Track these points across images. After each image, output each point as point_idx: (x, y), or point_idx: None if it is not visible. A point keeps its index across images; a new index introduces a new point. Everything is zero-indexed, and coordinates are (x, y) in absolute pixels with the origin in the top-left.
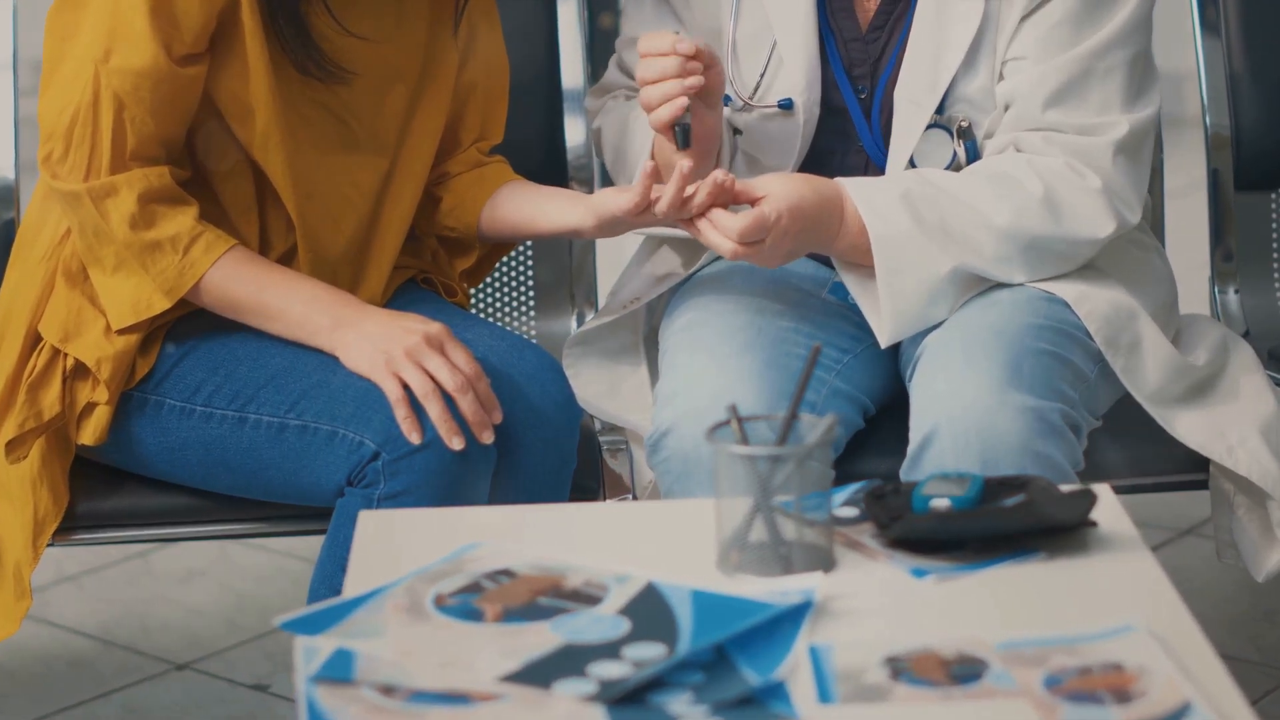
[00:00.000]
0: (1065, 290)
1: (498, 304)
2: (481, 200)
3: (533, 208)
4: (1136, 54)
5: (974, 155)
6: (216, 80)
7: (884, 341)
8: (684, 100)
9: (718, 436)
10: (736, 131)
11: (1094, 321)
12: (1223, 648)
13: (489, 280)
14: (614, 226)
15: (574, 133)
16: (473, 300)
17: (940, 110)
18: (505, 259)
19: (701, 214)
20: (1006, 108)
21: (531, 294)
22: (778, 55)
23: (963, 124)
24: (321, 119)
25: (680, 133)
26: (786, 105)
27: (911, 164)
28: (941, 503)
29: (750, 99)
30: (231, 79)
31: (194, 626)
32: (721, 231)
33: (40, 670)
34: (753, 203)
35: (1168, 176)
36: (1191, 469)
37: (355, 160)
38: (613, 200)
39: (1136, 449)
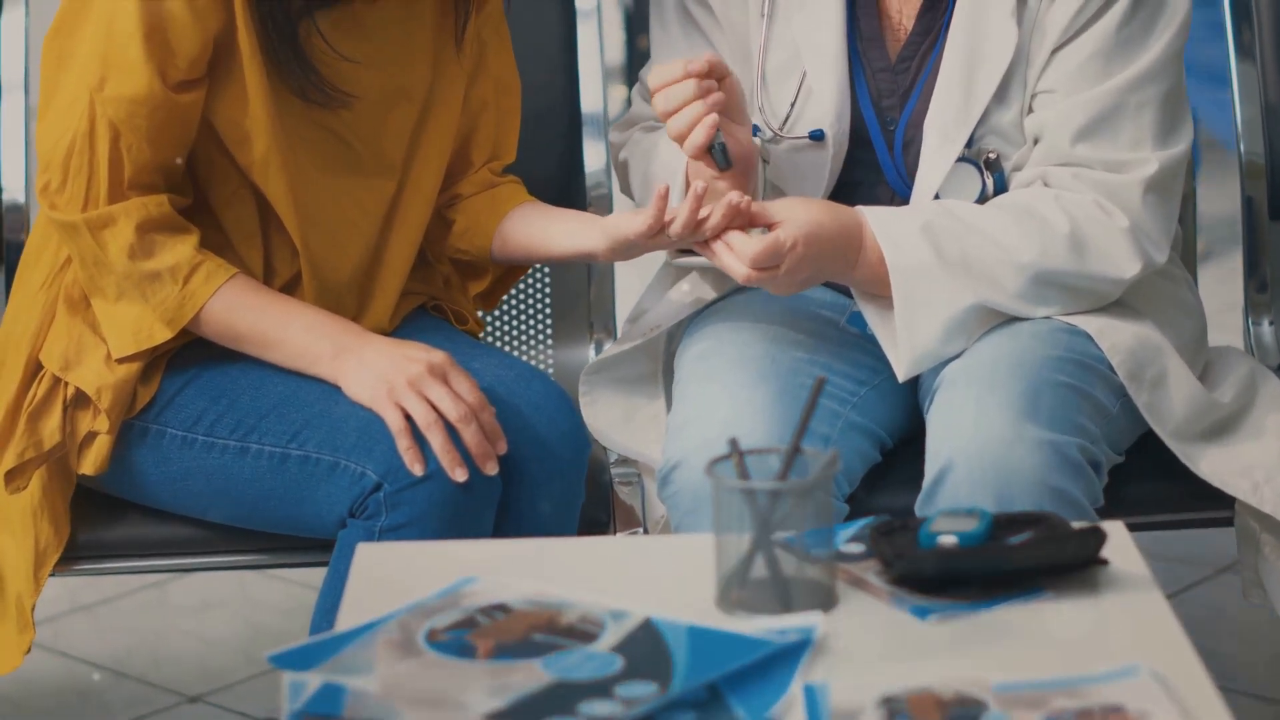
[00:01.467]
0: (1088, 323)
1: (514, 331)
2: (494, 222)
3: (546, 230)
4: (1169, 90)
5: (1001, 187)
6: (214, 106)
7: (901, 375)
8: (714, 118)
9: (718, 471)
10: (764, 161)
11: (1117, 355)
12: (1257, 687)
13: (505, 306)
14: (628, 249)
15: (593, 157)
16: (488, 326)
17: (969, 143)
18: (522, 284)
19: (716, 236)
20: (1035, 141)
21: (549, 320)
22: (807, 86)
23: (990, 155)
24: (324, 141)
25: (719, 153)
26: (817, 136)
27: (937, 198)
28: (948, 539)
29: (780, 130)
30: (229, 104)
31: (208, 658)
32: (735, 254)
33: (50, 703)
34: (769, 226)
35: (1201, 205)
36: (1217, 506)
37: (360, 183)
38: (626, 223)
39: (1160, 485)
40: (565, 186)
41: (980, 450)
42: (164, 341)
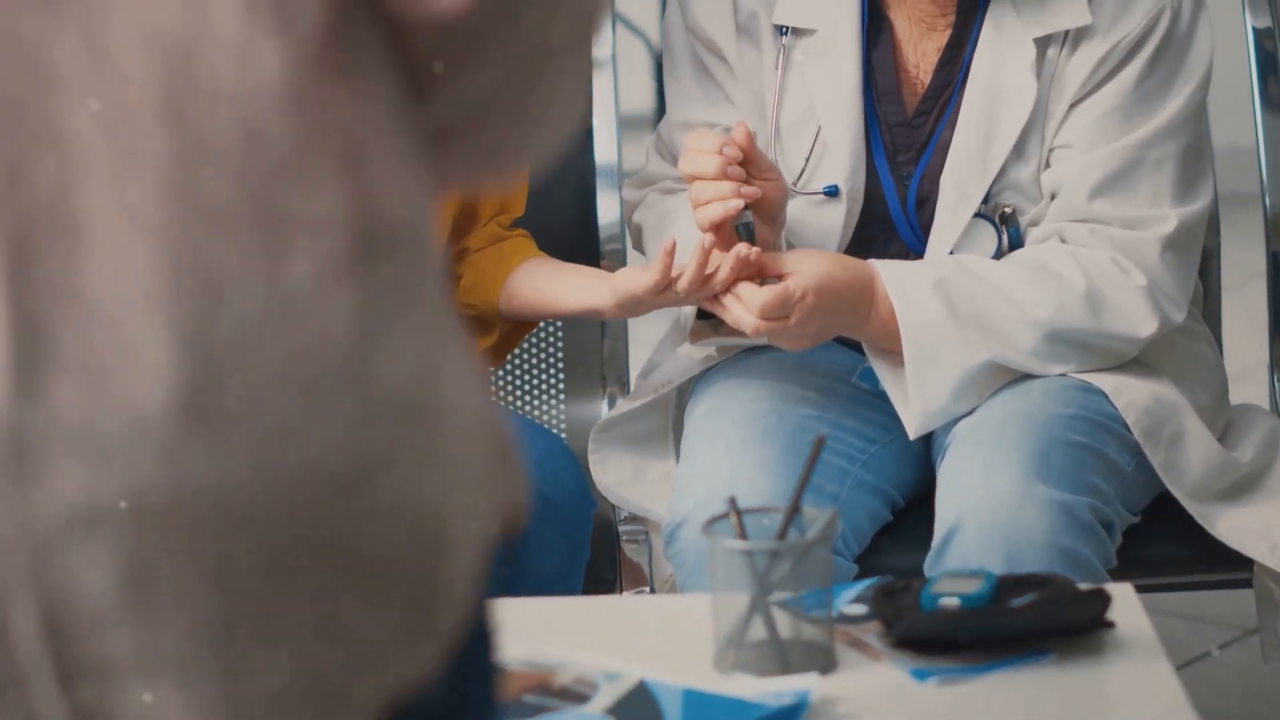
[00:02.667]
0: (1103, 380)
1: (526, 385)
2: (502, 277)
3: (553, 285)
4: (1188, 145)
5: (1017, 243)
6: None
7: (912, 433)
8: (738, 203)
9: (715, 530)
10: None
11: (1132, 413)
12: None
13: (517, 360)
14: (635, 306)
15: (606, 210)
16: (499, 380)
17: (985, 199)
18: (534, 338)
19: (726, 291)
20: (1052, 196)
21: (561, 375)
22: (823, 140)
23: (1006, 210)
24: None
25: (744, 232)
26: (832, 192)
27: (952, 255)
28: (950, 601)
29: (795, 185)
30: None
31: None
32: (744, 305)
33: None
34: (780, 278)
35: (1225, 258)
36: (1236, 567)
37: None
38: (633, 279)
39: (1177, 546)
40: (578, 239)
41: (989, 510)
42: None
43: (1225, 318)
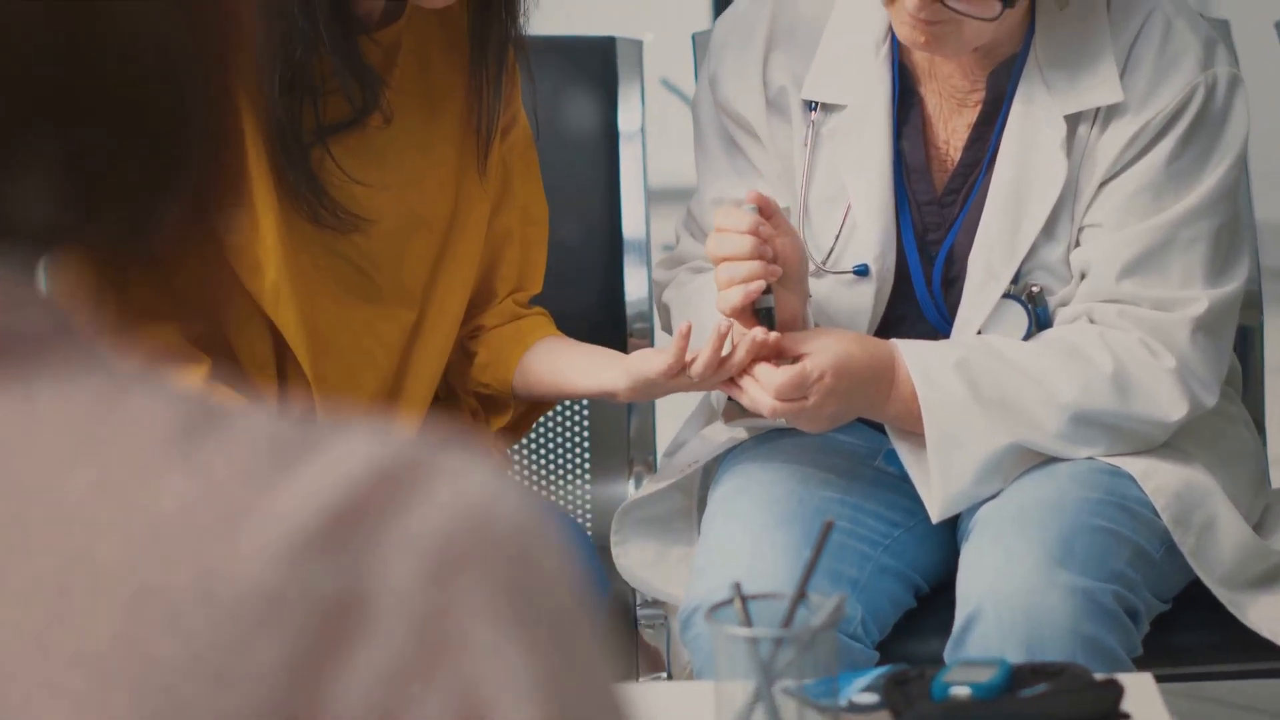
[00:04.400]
0: (1132, 464)
1: (550, 465)
2: (517, 356)
3: (568, 366)
4: (1222, 224)
5: (1045, 323)
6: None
7: (935, 516)
8: (760, 284)
9: (718, 617)
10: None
11: (1162, 498)
12: None
13: (541, 439)
14: (649, 389)
15: (634, 285)
16: (524, 459)
17: (1015, 279)
18: (559, 416)
19: (742, 374)
20: (1082, 276)
21: (586, 454)
22: (852, 219)
23: (1034, 289)
24: (339, 269)
25: (764, 316)
26: (862, 271)
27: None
28: (962, 691)
29: (824, 264)
30: (239, 230)
31: None
32: (761, 385)
33: None
34: (797, 358)
35: (1267, 337)
36: (1271, 656)
37: (378, 312)
38: (647, 362)
39: (1209, 634)
40: (606, 315)
41: (1009, 596)
42: None
43: (1268, 399)
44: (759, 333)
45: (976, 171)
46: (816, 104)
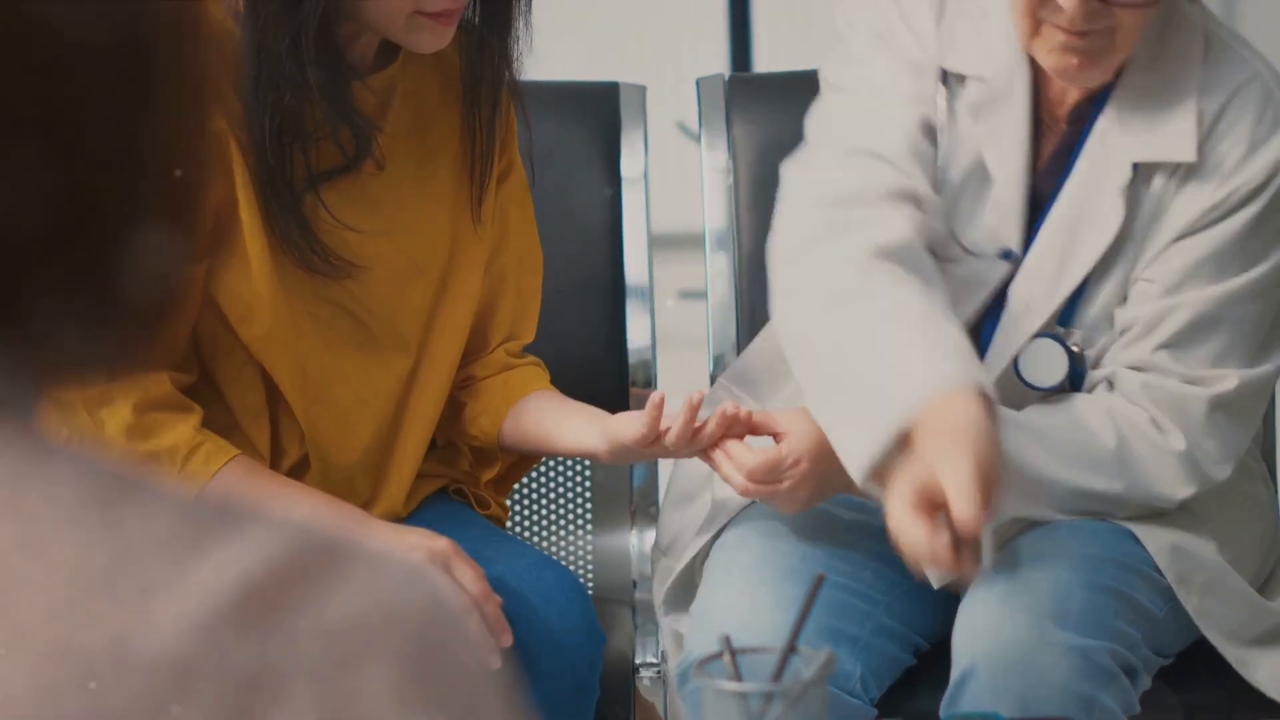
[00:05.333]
0: (1135, 522)
1: (552, 516)
2: (504, 410)
3: (553, 424)
4: (1270, 307)
5: (1080, 376)
6: (217, 279)
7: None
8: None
9: (708, 671)
10: None
11: (1164, 556)
12: None
13: (541, 491)
14: (628, 454)
15: (637, 331)
16: (525, 511)
17: (1064, 321)
18: (561, 467)
19: (714, 447)
20: (1121, 333)
21: (589, 505)
22: (994, 199)
23: (1075, 346)
24: (333, 317)
25: None
26: (1007, 255)
27: (1015, 369)
28: None
29: (965, 246)
30: (232, 277)
31: None
32: (734, 464)
33: None
34: (775, 437)
35: None
36: (1277, 713)
37: (373, 361)
38: (624, 428)
39: (1214, 691)
40: (608, 364)
41: (1003, 654)
42: None
43: None
44: (729, 406)
45: (1042, 203)
46: (950, 75)
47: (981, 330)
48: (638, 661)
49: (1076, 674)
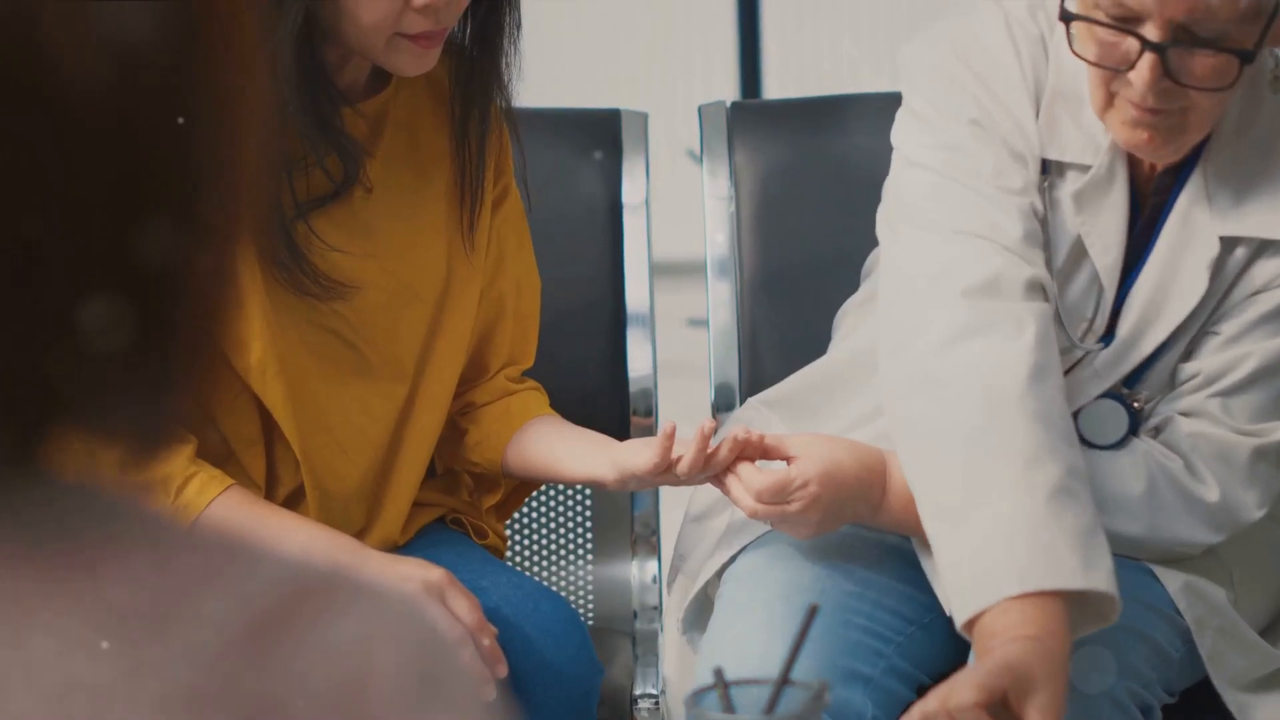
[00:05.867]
0: (1155, 561)
1: (551, 547)
2: (507, 435)
3: (557, 450)
4: None
5: (1135, 430)
6: None
7: (958, 621)
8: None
9: (699, 703)
10: None
11: (1184, 598)
12: None
13: (541, 520)
14: (637, 482)
15: (638, 359)
16: (525, 540)
17: (1130, 383)
18: (561, 496)
19: (727, 472)
20: (1184, 381)
21: (589, 535)
22: (1099, 289)
23: (1136, 404)
24: (328, 345)
25: None
26: (1108, 343)
27: (1076, 426)
28: None
29: (1081, 339)
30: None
31: None
32: (744, 486)
33: None
34: (787, 461)
35: None
36: None
37: (369, 388)
38: (634, 456)
39: None
40: (608, 393)
41: None
42: None
43: None
44: (740, 431)
45: (1127, 275)
46: (1050, 164)
47: None
48: (637, 693)
49: (1093, 711)
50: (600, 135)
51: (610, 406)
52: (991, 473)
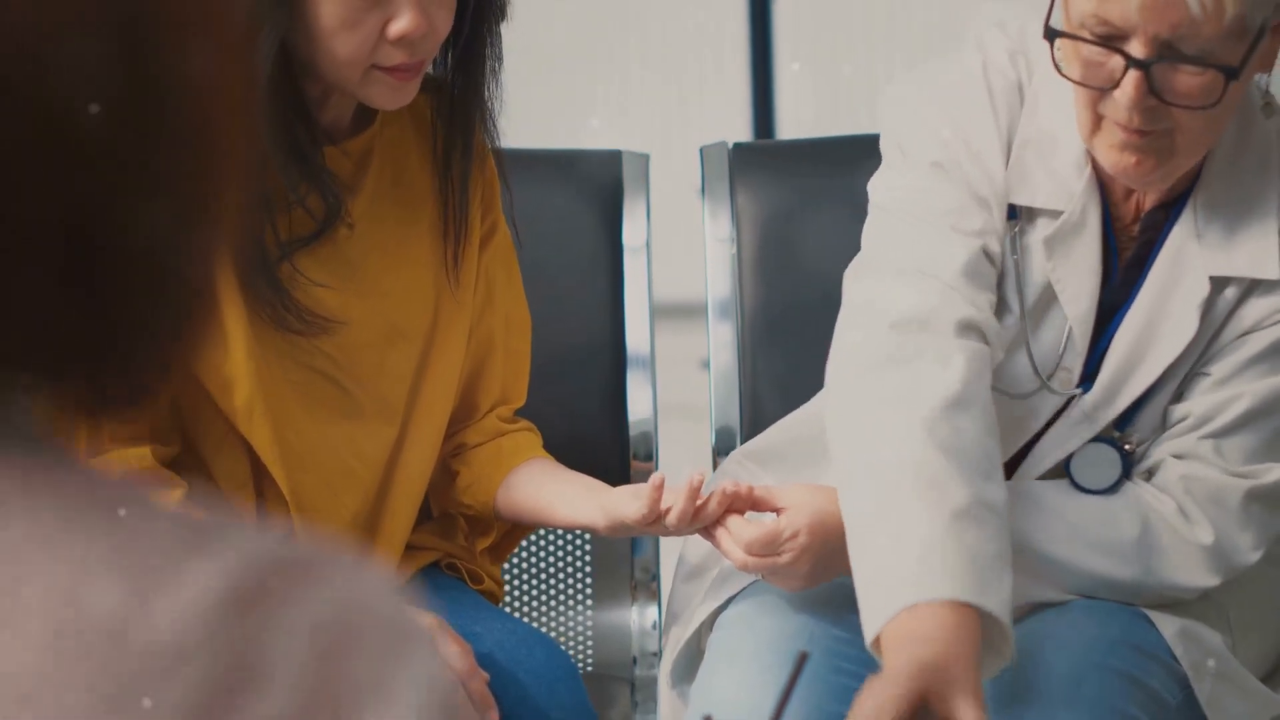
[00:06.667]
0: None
1: (550, 593)
2: (499, 478)
3: (548, 494)
4: None
5: (1127, 474)
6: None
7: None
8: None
9: None
10: None
11: (1181, 643)
12: None
13: (540, 566)
14: (627, 530)
15: (638, 402)
16: (522, 585)
17: (1121, 426)
18: (560, 540)
19: (717, 525)
20: (1175, 424)
21: (589, 581)
22: (1068, 334)
23: (1129, 446)
24: (314, 385)
25: None
26: (1087, 389)
27: (1068, 470)
28: None
29: (1049, 379)
30: (209, 347)
31: None
32: (734, 538)
33: None
34: (777, 512)
35: None
36: None
37: (358, 429)
38: (624, 505)
39: None
40: (608, 436)
41: None
42: None
43: None
44: (729, 484)
45: (1113, 314)
46: (1020, 209)
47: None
48: None
49: None
50: (602, 176)
51: (610, 449)
52: (896, 497)
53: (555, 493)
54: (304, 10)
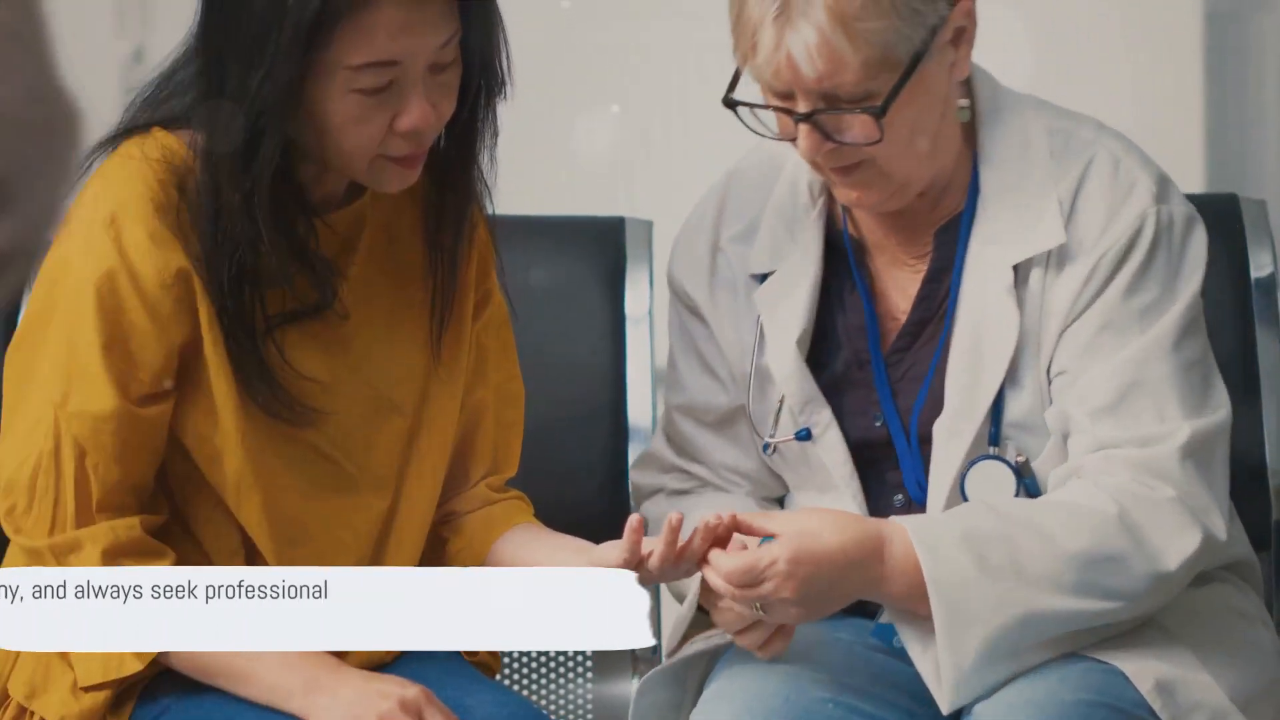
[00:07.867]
0: (1125, 663)
1: (550, 663)
2: (488, 543)
3: (536, 557)
4: (1191, 360)
5: (1034, 491)
6: (182, 420)
7: (945, 707)
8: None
9: None
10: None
11: (1158, 699)
12: None
13: None
14: None
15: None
16: (522, 656)
17: (995, 441)
18: None
19: (702, 562)
20: (1064, 437)
21: (588, 651)
22: (779, 387)
23: (1019, 459)
24: (305, 459)
25: None
26: (803, 436)
27: (964, 496)
28: None
29: (771, 435)
30: (198, 419)
31: None
32: (714, 569)
33: None
34: (772, 537)
35: None
36: None
37: (349, 502)
38: (608, 556)
39: None
40: (609, 503)
41: None
42: (134, 673)
43: None
44: (711, 518)
45: (927, 330)
46: (762, 276)
47: (903, 474)
48: None
49: None
50: (603, 244)
51: (612, 518)
52: None
53: (545, 554)
54: (312, 107)
